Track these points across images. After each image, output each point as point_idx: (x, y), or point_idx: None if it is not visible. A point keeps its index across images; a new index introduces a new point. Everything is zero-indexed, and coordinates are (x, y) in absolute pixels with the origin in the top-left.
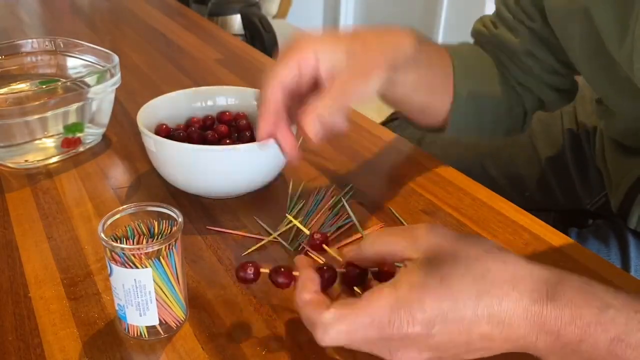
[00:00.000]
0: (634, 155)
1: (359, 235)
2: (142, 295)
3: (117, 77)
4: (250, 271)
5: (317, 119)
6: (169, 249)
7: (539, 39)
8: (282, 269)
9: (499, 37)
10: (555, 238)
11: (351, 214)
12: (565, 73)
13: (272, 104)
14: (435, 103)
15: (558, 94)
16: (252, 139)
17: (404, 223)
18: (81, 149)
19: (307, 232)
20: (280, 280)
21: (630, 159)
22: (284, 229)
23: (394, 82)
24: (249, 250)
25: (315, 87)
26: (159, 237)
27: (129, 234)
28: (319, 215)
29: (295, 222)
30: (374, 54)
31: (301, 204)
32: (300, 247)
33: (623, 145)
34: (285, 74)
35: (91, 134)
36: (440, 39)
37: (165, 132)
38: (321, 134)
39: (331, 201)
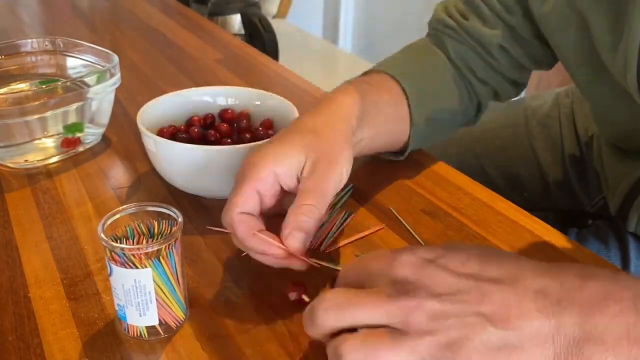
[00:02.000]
0: (631, 159)
1: (359, 235)
2: (142, 295)
3: (117, 77)
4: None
5: (299, 233)
6: (168, 249)
7: (514, 35)
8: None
9: (471, 29)
10: (555, 238)
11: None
12: (530, 67)
13: (244, 233)
14: (393, 139)
15: (514, 87)
16: (252, 139)
17: (404, 223)
18: (81, 149)
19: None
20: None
21: (627, 162)
22: None
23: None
24: None
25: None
26: (159, 237)
27: (129, 234)
28: None
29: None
30: (331, 139)
31: None
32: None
33: (619, 148)
34: (244, 204)
35: (91, 134)
36: None
37: (167, 134)
38: (306, 245)
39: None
